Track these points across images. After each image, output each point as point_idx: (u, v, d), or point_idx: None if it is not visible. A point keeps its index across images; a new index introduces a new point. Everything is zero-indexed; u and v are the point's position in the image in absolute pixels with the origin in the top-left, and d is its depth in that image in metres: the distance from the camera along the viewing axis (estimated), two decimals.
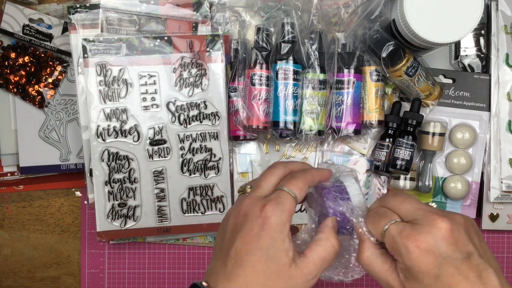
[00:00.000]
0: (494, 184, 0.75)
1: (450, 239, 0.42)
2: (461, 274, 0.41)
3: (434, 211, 0.44)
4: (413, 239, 0.42)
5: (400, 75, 0.70)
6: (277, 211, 0.45)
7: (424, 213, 0.44)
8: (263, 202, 0.46)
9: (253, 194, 0.48)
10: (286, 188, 0.47)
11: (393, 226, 0.44)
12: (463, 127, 0.75)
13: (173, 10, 0.74)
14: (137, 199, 0.74)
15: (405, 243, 0.42)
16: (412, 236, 0.42)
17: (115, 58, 0.72)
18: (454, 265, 0.41)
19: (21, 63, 0.76)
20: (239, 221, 0.46)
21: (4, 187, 0.79)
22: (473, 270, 0.41)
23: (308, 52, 0.71)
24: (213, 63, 0.73)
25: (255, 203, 0.46)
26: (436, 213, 0.43)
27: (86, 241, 0.81)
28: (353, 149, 0.77)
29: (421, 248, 0.42)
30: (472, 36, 0.76)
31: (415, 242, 0.42)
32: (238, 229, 0.46)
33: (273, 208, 0.45)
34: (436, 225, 0.42)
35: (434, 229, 0.42)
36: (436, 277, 0.41)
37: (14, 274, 0.81)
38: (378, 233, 0.45)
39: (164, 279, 0.81)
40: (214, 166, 0.75)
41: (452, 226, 0.42)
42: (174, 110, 0.73)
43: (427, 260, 0.42)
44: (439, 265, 0.41)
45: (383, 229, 0.45)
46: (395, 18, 0.67)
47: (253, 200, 0.47)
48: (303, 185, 0.48)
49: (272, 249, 0.44)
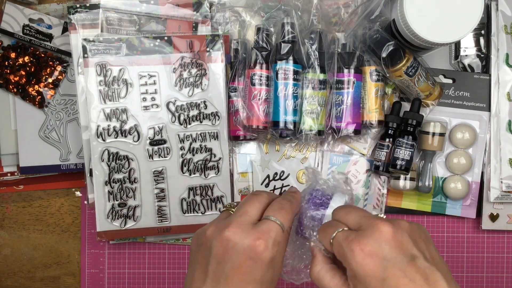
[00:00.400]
0: (494, 184, 0.75)
1: (393, 242, 0.43)
2: (407, 277, 0.41)
3: (378, 218, 0.45)
4: (357, 243, 0.43)
5: (400, 75, 0.70)
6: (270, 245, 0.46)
7: (368, 220, 0.45)
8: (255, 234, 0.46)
9: (241, 219, 0.48)
10: (275, 219, 0.48)
11: (340, 234, 0.45)
12: (463, 127, 0.75)
13: (173, 10, 0.74)
14: (137, 199, 0.74)
15: (350, 247, 0.43)
16: (356, 240, 0.43)
17: (115, 58, 0.72)
18: (399, 267, 0.42)
19: (21, 63, 0.76)
20: (227, 249, 0.46)
21: (4, 187, 0.79)
22: (419, 273, 0.41)
23: (308, 52, 0.71)
24: (213, 63, 0.73)
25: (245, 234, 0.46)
26: (379, 219, 0.45)
27: (86, 241, 0.81)
28: (353, 149, 0.77)
29: (365, 251, 0.42)
30: (472, 36, 0.76)
31: (359, 245, 0.43)
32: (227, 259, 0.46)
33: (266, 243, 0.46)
34: (379, 229, 0.43)
35: (376, 232, 0.43)
36: (382, 280, 0.42)
37: (14, 274, 0.81)
38: (327, 242, 0.46)
39: (164, 279, 0.81)
40: (214, 166, 0.75)
41: (395, 230, 0.43)
42: (174, 110, 0.73)
43: (372, 263, 0.42)
44: (383, 268, 0.42)
45: (331, 238, 0.46)
46: (395, 18, 0.67)
47: (242, 228, 0.47)
48: (291, 215, 0.49)
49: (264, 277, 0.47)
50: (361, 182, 0.76)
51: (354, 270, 0.43)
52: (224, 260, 0.46)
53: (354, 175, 0.77)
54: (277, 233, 0.47)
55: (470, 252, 0.79)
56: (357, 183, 0.76)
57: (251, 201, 0.50)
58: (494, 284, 0.80)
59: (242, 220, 0.47)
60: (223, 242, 0.46)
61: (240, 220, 0.47)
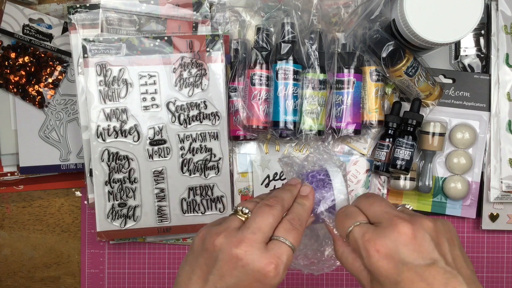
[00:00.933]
0: (494, 184, 0.75)
1: (412, 245, 0.41)
2: (424, 281, 0.40)
3: (400, 215, 0.43)
4: (373, 243, 0.42)
5: (400, 75, 0.70)
6: (281, 269, 0.45)
7: (389, 217, 0.43)
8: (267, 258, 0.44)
9: (254, 237, 0.45)
10: (288, 242, 0.46)
11: (357, 228, 0.44)
12: (463, 127, 0.75)
13: (173, 10, 0.74)
14: (137, 199, 0.74)
15: (366, 246, 0.42)
16: (372, 240, 0.42)
17: (115, 58, 0.72)
18: (415, 271, 0.40)
19: (21, 63, 0.76)
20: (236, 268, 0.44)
21: (4, 187, 0.79)
22: (439, 278, 0.40)
23: (308, 52, 0.71)
24: (213, 63, 0.73)
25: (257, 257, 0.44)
26: (400, 217, 0.43)
27: (86, 241, 0.81)
28: (353, 149, 0.77)
29: (381, 253, 0.41)
30: (472, 36, 0.76)
31: (375, 246, 0.41)
32: (234, 276, 0.44)
33: (278, 268, 0.44)
34: (398, 229, 0.42)
35: (395, 233, 0.42)
36: (396, 283, 0.41)
37: (14, 274, 0.81)
38: (343, 234, 0.46)
39: (164, 279, 0.81)
40: (214, 166, 0.75)
41: (416, 231, 0.41)
42: (174, 110, 0.73)
43: (386, 265, 0.41)
44: (399, 271, 0.41)
45: (348, 231, 0.45)
46: (395, 18, 0.67)
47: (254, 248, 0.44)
48: (301, 235, 0.48)
49: None
50: (361, 182, 0.76)
51: (369, 269, 0.42)
52: (230, 276, 0.44)
53: (354, 175, 0.77)
54: (288, 257, 0.45)
55: (470, 252, 0.79)
56: (357, 183, 0.76)
57: (266, 215, 0.47)
58: (494, 284, 0.80)
59: (256, 239, 0.45)
60: (232, 259, 0.44)
61: (253, 238, 0.45)
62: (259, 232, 0.45)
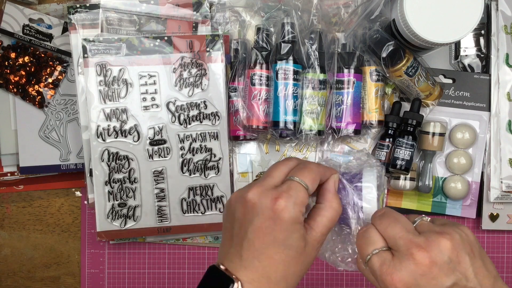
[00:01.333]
0: (494, 184, 0.75)
1: (430, 273, 0.40)
2: None
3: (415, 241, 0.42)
4: (390, 277, 0.41)
5: (400, 75, 0.70)
6: (290, 204, 0.44)
7: (405, 243, 0.42)
8: (274, 194, 0.44)
9: (263, 182, 0.46)
10: (298, 178, 0.45)
11: (375, 258, 0.44)
12: (463, 127, 0.75)
13: (173, 10, 0.74)
14: (137, 199, 0.74)
15: (384, 278, 0.42)
16: (389, 274, 0.42)
17: (115, 58, 0.72)
18: None
19: (21, 63, 0.76)
20: (248, 211, 0.45)
21: (4, 187, 0.79)
22: None
23: (308, 52, 0.71)
24: (213, 63, 0.73)
25: (265, 194, 0.45)
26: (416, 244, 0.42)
27: (86, 241, 0.81)
28: (353, 149, 0.77)
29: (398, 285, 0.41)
30: (472, 36, 0.76)
31: (392, 279, 0.41)
32: (249, 220, 0.45)
33: (286, 201, 0.44)
34: (414, 260, 0.41)
35: (411, 265, 0.41)
36: None
37: (14, 274, 0.81)
38: (364, 260, 0.45)
39: (164, 279, 0.81)
40: (214, 166, 0.75)
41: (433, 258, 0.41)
42: (174, 110, 0.73)
43: None
44: None
45: (366, 259, 0.44)
46: (395, 18, 0.67)
47: (262, 189, 0.45)
48: (316, 175, 0.47)
49: (288, 240, 0.44)
50: None
51: None
52: (245, 223, 0.45)
53: None
54: (299, 192, 0.44)
55: None
56: None
57: (278, 165, 0.48)
58: None
59: (265, 183, 0.46)
60: (243, 204, 0.45)
61: (262, 182, 0.46)
62: (268, 178, 0.46)
